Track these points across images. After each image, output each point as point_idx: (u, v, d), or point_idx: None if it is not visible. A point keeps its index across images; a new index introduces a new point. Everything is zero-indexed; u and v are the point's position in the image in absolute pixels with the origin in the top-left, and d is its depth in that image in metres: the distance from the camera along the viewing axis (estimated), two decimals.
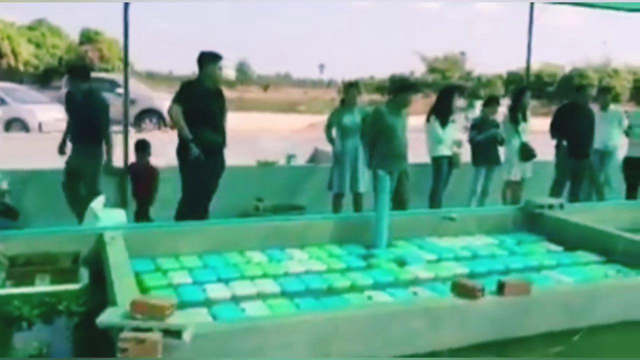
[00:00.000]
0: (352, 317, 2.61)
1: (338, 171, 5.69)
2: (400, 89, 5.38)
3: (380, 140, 5.19)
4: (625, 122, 6.89)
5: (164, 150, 5.86)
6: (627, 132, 6.82)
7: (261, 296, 3.30)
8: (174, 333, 2.21)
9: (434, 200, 5.85)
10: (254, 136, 12.15)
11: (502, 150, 6.28)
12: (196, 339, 2.29)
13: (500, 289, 2.92)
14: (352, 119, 5.72)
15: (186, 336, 2.22)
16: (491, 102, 6.33)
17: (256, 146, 8.39)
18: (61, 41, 32.36)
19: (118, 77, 17.77)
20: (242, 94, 52.03)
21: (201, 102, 4.77)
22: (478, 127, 6.05)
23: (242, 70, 70.41)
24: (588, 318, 3.05)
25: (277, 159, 6.64)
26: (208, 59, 4.87)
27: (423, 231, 4.62)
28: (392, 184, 5.11)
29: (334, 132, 5.85)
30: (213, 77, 4.88)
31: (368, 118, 5.48)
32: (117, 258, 3.31)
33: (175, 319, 2.25)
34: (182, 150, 4.71)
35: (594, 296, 3.12)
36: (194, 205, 4.76)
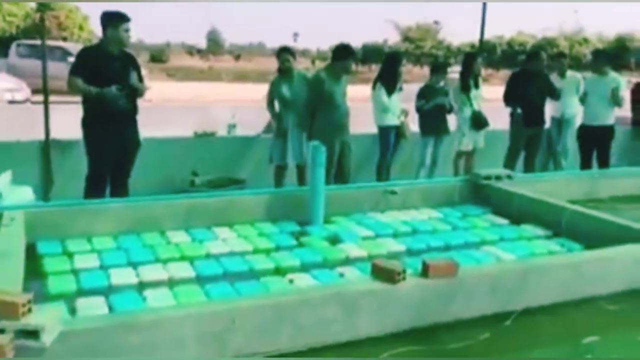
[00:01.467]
0: (251, 307, 2.33)
1: (279, 143, 5.35)
2: (340, 55, 5.01)
3: (320, 109, 4.84)
4: (582, 89, 6.66)
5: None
6: (582, 99, 6.58)
7: (171, 282, 3.03)
8: (31, 333, 1.91)
9: (381, 172, 5.58)
10: (209, 107, 11.69)
11: (452, 119, 6.00)
12: (63, 338, 2.00)
13: (424, 270, 2.67)
14: (291, 88, 5.35)
15: (45, 337, 1.93)
16: (438, 70, 6.03)
17: (205, 116, 7.95)
18: (19, 9, 31.03)
19: (70, 45, 17.02)
20: (213, 64, 50.91)
21: (103, 68, 4.35)
22: (425, 95, 5.75)
23: (213, 39, 68.71)
24: (521, 300, 2.83)
25: (216, 129, 6.26)
26: (110, 21, 4.42)
27: (364, 206, 4.37)
28: (334, 156, 4.82)
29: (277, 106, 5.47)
30: (116, 40, 4.44)
31: (309, 84, 5.11)
32: (9, 242, 2.99)
33: (33, 318, 1.95)
34: (87, 119, 4.31)
35: (526, 276, 2.88)
36: (99, 180, 4.37)
